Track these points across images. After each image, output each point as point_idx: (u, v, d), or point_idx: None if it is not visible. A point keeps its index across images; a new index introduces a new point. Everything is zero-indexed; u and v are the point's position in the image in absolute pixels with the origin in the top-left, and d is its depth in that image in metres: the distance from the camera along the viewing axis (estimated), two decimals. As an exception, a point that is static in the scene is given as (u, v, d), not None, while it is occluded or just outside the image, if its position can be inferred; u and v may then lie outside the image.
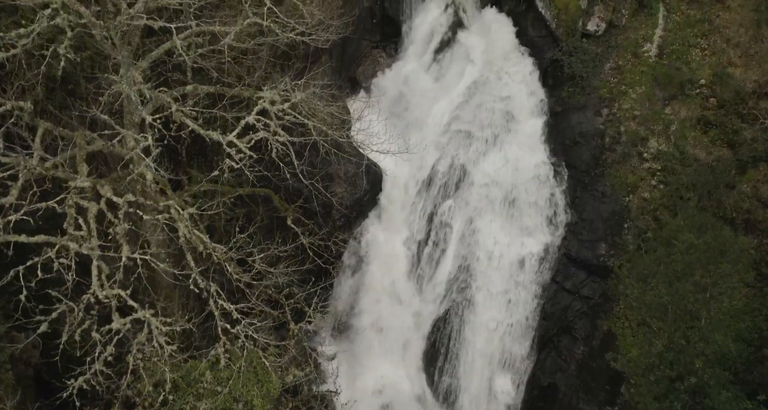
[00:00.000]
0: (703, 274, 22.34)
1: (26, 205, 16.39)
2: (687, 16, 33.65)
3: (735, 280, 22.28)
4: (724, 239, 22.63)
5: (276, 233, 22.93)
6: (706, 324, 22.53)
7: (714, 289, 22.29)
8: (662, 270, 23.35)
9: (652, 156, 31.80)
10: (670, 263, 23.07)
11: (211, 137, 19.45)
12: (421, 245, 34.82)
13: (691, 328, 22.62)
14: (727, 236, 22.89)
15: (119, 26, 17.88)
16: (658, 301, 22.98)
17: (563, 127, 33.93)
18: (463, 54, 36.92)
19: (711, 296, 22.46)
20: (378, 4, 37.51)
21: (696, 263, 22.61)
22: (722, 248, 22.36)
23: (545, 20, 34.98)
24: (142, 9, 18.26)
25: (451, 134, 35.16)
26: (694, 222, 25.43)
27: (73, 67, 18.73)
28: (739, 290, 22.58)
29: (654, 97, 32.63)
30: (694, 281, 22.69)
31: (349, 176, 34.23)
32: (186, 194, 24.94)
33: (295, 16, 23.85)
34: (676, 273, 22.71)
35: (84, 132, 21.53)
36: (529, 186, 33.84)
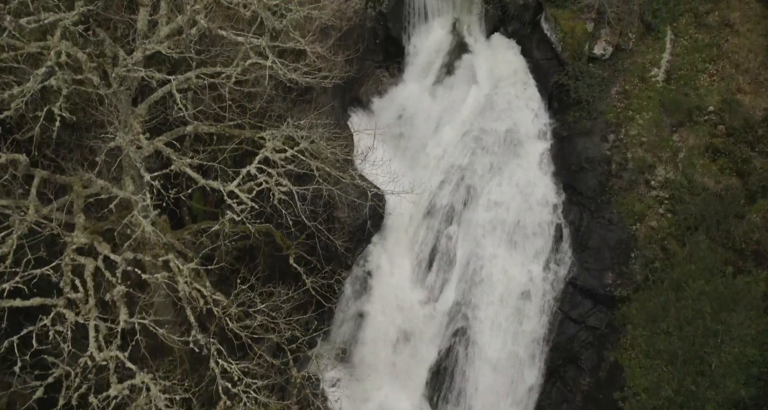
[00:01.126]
0: (714, 319, 21.70)
1: (21, 272, 15.74)
2: (695, 41, 32.90)
3: (747, 327, 21.64)
4: (736, 287, 21.97)
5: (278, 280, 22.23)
6: (716, 369, 21.92)
7: (725, 335, 21.66)
8: (672, 314, 22.70)
9: (659, 184, 31.10)
10: (681, 308, 22.42)
11: (212, 187, 18.75)
12: (424, 270, 34.18)
13: (701, 374, 22.00)
14: (739, 284, 22.23)
15: (116, 78, 17.19)
16: (668, 346, 22.36)
17: (569, 152, 33.22)
18: (468, 76, 36.18)
19: (722, 341, 21.83)
20: (381, 24, 36.75)
21: (707, 309, 21.98)
22: (734, 297, 21.71)
23: (551, 43, 34.26)
24: (140, 59, 17.57)
25: (454, 158, 34.43)
26: (705, 264, 24.74)
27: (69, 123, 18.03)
28: (752, 337, 21.93)
29: (661, 124, 31.91)
30: (705, 325, 22.05)
31: (351, 202, 33.52)
32: (186, 232, 24.34)
33: (297, 54, 23.17)
34: (686, 318, 22.06)
35: (81, 175, 20.89)
36: (535, 212, 33.15)
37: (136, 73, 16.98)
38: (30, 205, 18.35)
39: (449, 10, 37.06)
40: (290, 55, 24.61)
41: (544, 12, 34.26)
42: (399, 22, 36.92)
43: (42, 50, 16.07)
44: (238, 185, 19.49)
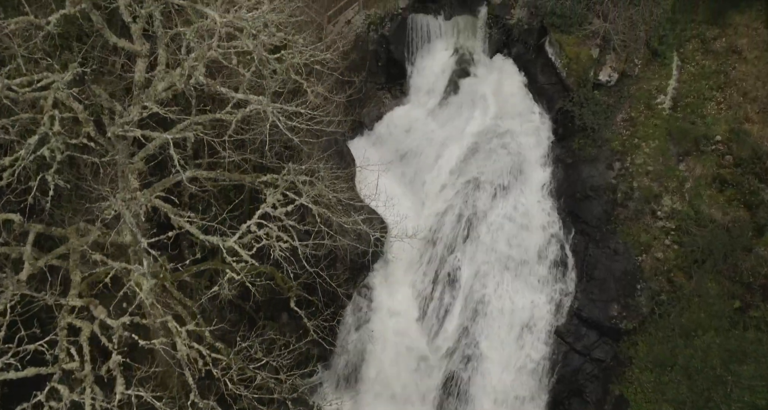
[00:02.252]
0: (724, 369, 21.09)
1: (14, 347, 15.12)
2: (702, 67, 32.15)
3: (758, 378, 21.03)
4: (747, 341, 21.35)
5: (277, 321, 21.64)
6: (726, 417, 21.35)
7: (735, 385, 21.04)
8: (681, 363, 22.09)
9: (666, 214, 30.42)
10: (689, 358, 21.80)
11: (211, 242, 18.11)
12: (427, 299, 33.56)
13: (710, 421, 21.44)
14: (750, 336, 21.61)
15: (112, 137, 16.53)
16: (677, 395, 21.76)
17: (574, 179, 32.53)
18: (471, 100, 35.47)
19: (732, 390, 21.22)
20: (383, 47, 36.06)
21: (716, 360, 21.35)
22: (745, 350, 21.09)
23: (555, 68, 33.53)
24: (137, 116, 16.90)
25: (458, 184, 33.76)
26: (714, 310, 24.15)
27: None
28: (762, 387, 21.31)
29: (668, 153, 31.20)
30: (715, 374, 21.44)
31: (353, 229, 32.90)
32: (186, 274, 23.73)
33: (299, 96, 22.50)
34: (695, 368, 21.45)
35: (78, 225, 20.24)
36: (539, 240, 32.49)
37: (132, 133, 16.28)
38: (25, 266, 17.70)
39: (452, 33, 36.37)
40: (289, 92, 23.89)
41: (548, 36, 33.52)
42: (401, 45, 36.28)
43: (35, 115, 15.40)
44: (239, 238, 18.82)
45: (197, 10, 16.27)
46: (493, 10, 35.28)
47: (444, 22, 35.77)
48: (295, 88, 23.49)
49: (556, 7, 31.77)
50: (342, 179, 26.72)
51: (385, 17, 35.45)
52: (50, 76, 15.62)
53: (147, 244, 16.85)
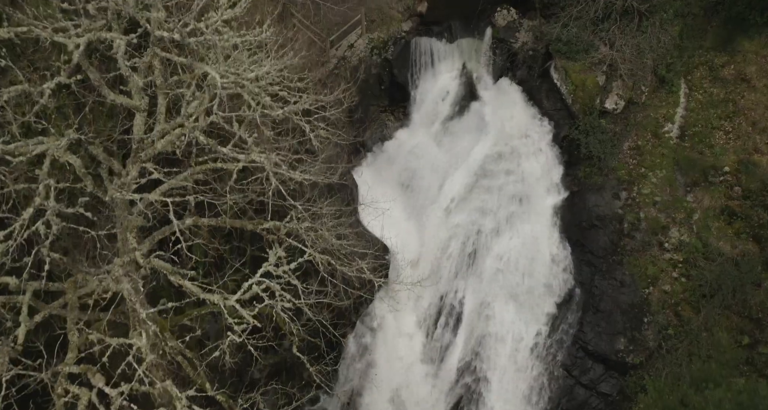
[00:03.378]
0: (736, 422, 20.51)
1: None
2: (710, 95, 31.43)
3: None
4: (759, 396, 20.72)
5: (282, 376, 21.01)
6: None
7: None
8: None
9: (673, 247, 29.77)
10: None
11: (211, 301, 17.47)
12: (431, 327, 33.00)
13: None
14: (762, 391, 20.99)
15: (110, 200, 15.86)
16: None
17: (579, 208, 31.87)
18: (475, 125, 34.77)
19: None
20: (386, 71, 35.32)
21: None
22: (756, 406, 20.47)
23: (560, 94, 32.79)
24: (135, 176, 16.23)
25: (462, 212, 33.13)
26: (725, 359, 23.54)
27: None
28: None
29: (675, 183, 30.54)
30: (726, 425, 20.86)
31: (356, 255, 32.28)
32: (186, 318, 23.12)
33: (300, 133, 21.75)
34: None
35: (76, 277, 19.59)
36: (544, 270, 31.89)
37: (131, 197, 15.63)
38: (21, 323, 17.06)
39: (456, 56, 35.64)
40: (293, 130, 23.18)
41: (553, 61, 32.78)
42: (405, 68, 35.53)
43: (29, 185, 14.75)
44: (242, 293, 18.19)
45: (198, 67, 15.55)
46: (497, 33, 34.51)
47: (448, 45, 35.01)
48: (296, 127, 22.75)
49: (561, 33, 30.99)
50: (346, 214, 26.11)
51: (388, 41, 34.70)
52: (45, 142, 14.94)
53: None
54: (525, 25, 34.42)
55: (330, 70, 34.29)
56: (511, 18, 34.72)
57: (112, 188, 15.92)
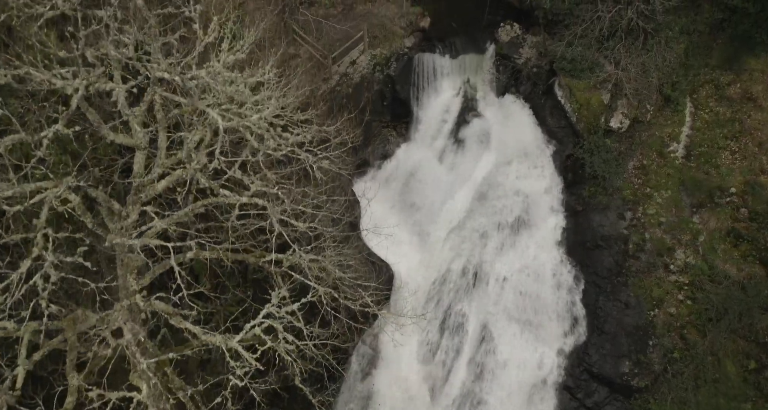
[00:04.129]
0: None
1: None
2: (716, 114, 31.00)
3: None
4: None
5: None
6: None
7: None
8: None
9: (679, 269, 29.38)
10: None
11: (213, 343, 17.09)
12: (433, 349, 32.60)
13: None
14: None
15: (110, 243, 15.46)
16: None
17: (584, 228, 31.46)
18: (478, 142, 34.32)
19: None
20: (389, 87, 34.89)
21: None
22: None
23: (565, 111, 32.37)
24: (135, 219, 15.82)
25: (465, 232, 32.69)
26: (734, 392, 23.18)
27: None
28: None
29: (681, 204, 30.13)
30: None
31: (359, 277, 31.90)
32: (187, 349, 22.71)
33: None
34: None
35: (75, 314, 19.19)
36: (548, 291, 31.45)
37: (131, 241, 15.22)
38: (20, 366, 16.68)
39: (459, 72, 35.18)
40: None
41: (557, 78, 32.34)
42: (407, 84, 35.09)
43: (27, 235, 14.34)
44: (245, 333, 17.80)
45: (200, 107, 15.12)
46: (501, 49, 34.08)
47: (451, 61, 34.55)
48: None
49: (566, 52, 30.51)
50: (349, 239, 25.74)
51: (390, 57, 34.26)
52: (43, 187, 14.53)
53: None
54: (529, 40, 33.97)
55: (332, 87, 33.88)
56: (514, 33, 34.28)
57: (111, 234, 15.50)
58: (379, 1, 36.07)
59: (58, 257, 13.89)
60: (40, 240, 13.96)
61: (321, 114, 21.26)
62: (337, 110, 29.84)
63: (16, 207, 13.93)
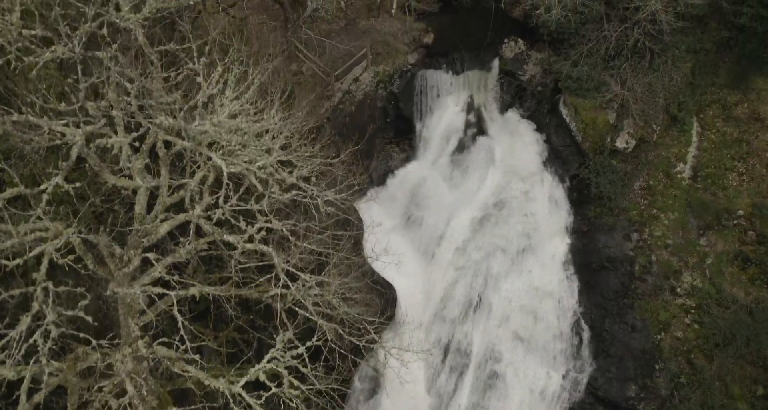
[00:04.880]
0: None
1: None
2: (723, 135, 30.58)
3: None
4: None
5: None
6: None
7: None
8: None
9: (686, 292, 28.99)
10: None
11: (216, 388, 16.70)
12: (437, 369, 32.23)
13: None
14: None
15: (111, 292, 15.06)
16: None
17: (590, 249, 31.07)
18: (483, 160, 33.88)
19: None
20: (392, 104, 34.47)
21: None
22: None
23: (570, 130, 31.94)
24: (137, 265, 15.42)
25: (469, 251, 32.28)
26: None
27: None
28: None
29: (688, 226, 29.72)
30: None
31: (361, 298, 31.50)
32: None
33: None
34: None
35: (76, 352, 18.80)
36: (553, 312, 31.08)
37: (132, 289, 14.84)
38: None
39: (462, 88, 34.73)
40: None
41: (562, 96, 31.92)
42: (410, 101, 34.67)
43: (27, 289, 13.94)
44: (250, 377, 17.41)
45: (204, 152, 14.72)
46: (505, 65, 33.65)
47: (454, 78, 34.12)
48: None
49: (571, 71, 30.08)
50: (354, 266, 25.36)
51: (394, 74, 33.82)
52: (42, 238, 14.12)
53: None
54: (533, 57, 33.54)
55: (335, 105, 33.48)
56: (518, 50, 33.84)
57: (113, 282, 15.11)
58: (382, 17, 35.63)
59: (59, 312, 13.48)
60: (39, 295, 13.57)
61: (325, 146, 20.79)
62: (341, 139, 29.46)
63: (15, 261, 13.52)
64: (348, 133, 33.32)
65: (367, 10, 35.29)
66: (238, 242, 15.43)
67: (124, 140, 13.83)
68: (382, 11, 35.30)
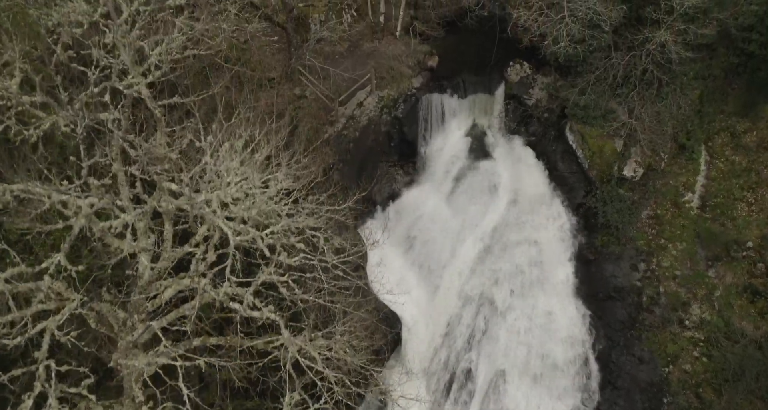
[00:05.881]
0: None
1: None
2: (732, 164, 30.09)
3: None
4: None
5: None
6: None
7: None
8: None
9: (694, 324, 28.57)
10: None
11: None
12: (441, 399, 31.82)
13: None
14: None
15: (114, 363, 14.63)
16: None
17: (597, 278, 30.62)
18: (487, 186, 33.39)
19: None
20: (396, 128, 33.97)
21: None
22: None
23: (576, 157, 31.46)
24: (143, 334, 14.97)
25: (474, 280, 31.83)
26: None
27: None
28: None
29: (696, 256, 29.27)
30: None
31: (366, 327, 31.05)
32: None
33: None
34: None
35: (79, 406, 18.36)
36: (559, 342, 30.61)
37: (137, 363, 14.40)
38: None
39: (467, 112, 34.25)
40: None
41: (569, 122, 31.41)
42: (415, 125, 34.17)
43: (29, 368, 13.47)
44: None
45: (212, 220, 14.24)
46: (510, 89, 33.13)
47: (459, 101, 33.62)
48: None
49: (579, 99, 29.57)
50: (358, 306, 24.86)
51: (398, 98, 33.30)
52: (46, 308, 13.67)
53: None
54: (539, 81, 33.02)
55: (338, 131, 32.98)
56: (524, 73, 33.32)
57: (116, 353, 14.66)
58: (387, 39, 35.10)
59: (62, 389, 13.05)
60: (42, 373, 13.12)
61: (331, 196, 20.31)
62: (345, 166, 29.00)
63: (16, 339, 13.07)
64: (352, 160, 32.88)
65: (371, 32, 34.75)
66: (244, 309, 14.96)
67: (129, 218, 13.35)
68: (386, 33, 34.75)
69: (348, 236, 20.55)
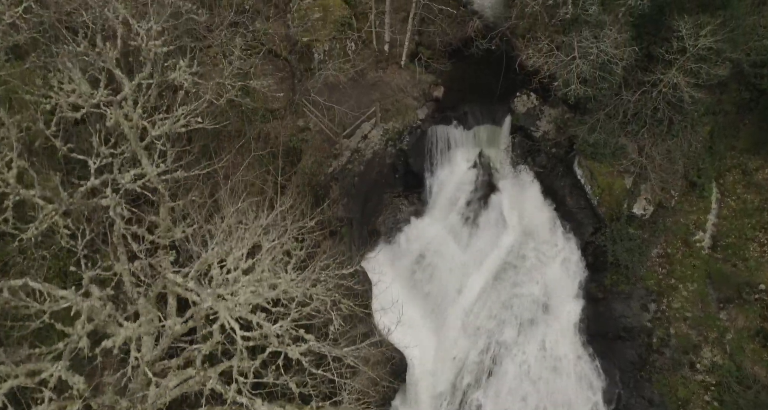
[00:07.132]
0: None
1: None
2: (743, 202, 29.44)
3: None
4: None
5: None
6: None
7: None
8: None
9: (705, 368, 28.00)
10: None
11: None
12: (450, 441, 31.28)
13: None
14: None
15: None
16: None
17: (606, 317, 30.04)
18: (494, 219, 32.72)
19: None
20: (402, 160, 33.25)
21: None
22: None
23: (585, 192, 30.79)
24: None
25: (481, 317, 31.26)
26: None
27: None
28: None
29: (707, 298, 28.67)
30: None
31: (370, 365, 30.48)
32: None
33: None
34: None
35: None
36: (567, 382, 30.12)
37: None
38: None
39: (473, 143, 33.47)
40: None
41: (577, 157, 30.73)
42: (420, 157, 33.41)
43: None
44: None
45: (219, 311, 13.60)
46: (517, 120, 32.39)
47: (465, 133, 32.86)
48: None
49: (588, 137, 28.87)
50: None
51: (403, 131, 32.59)
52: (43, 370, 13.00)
53: None
54: (546, 113, 32.26)
55: (343, 165, 32.31)
56: (531, 104, 32.60)
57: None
58: (391, 68, 34.35)
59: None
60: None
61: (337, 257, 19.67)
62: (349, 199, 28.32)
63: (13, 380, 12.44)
64: (356, 193, 32.22)
65: (375, 61, 33.99)
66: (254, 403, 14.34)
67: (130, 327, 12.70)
68: (390, 62, 34.00)
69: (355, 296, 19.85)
